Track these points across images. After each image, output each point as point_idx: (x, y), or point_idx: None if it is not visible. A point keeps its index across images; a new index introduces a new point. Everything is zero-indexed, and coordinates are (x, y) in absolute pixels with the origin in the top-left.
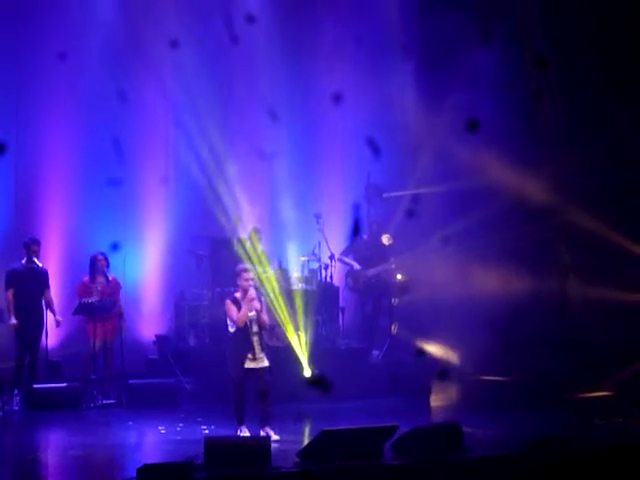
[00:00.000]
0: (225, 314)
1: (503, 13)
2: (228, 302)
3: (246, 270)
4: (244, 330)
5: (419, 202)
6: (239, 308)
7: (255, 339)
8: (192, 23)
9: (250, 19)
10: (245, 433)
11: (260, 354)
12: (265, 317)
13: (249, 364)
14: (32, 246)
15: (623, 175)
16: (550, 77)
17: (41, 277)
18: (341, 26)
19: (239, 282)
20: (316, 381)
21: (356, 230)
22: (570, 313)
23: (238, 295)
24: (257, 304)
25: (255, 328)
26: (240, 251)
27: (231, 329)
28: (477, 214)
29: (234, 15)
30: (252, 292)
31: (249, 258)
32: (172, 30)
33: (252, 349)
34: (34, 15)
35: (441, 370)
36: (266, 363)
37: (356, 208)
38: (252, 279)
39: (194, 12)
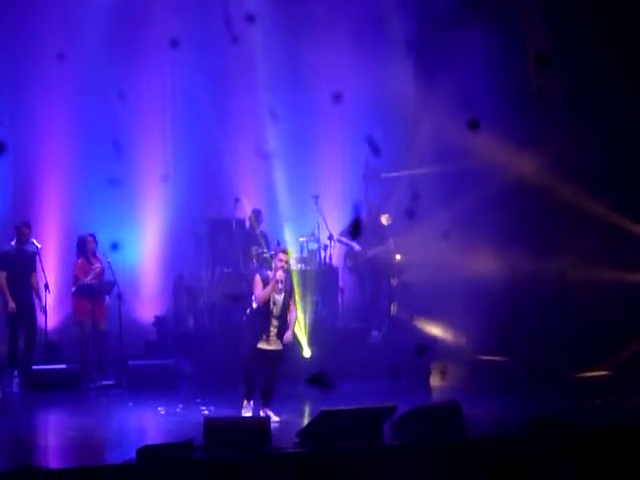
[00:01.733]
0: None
1: None
2: (257, 277)
3: (285, 252)
4: (265, 310)
5: (417, 184)
6: (266, 286)
7: (273, 322)
8: (191, 22)
9: (250, 18)
10: (247, 411)
11: (274, 338)
12: (293, 315)
13: (262, 345)
14: (22, 229)
15: (622, 153)
16: (547, 56)
17: (29, 258)
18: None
19: (274, 262)
20: (317, 380)
21: (356, 230)
22: (572, 293)
23: (270, 273)
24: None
25: (276, 312)
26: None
27: (254, 305)
28: (476, 194)
29: (233, 14)
30: (280, 274)
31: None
32: (172, 29)
33: (268, 331)
34: (32, 13)
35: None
36: (279, 347)
37: (356, 208)
38: (287, 262)
39: (193, 11)
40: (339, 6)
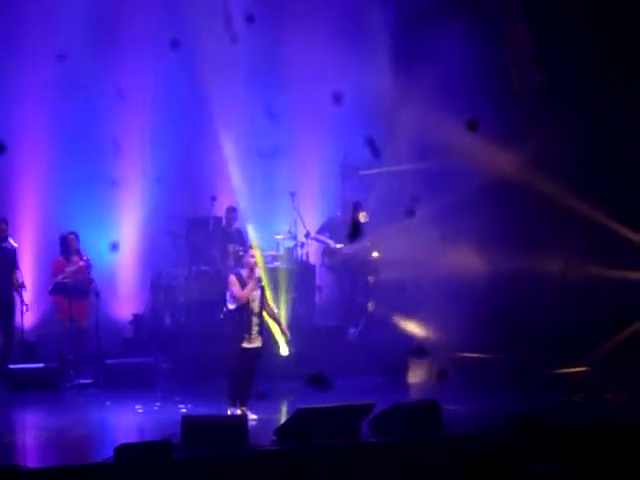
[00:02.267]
0: (226, 289)
1: None
2: (232, 277)
3: (254, 248)
4: (245, 308)
5: (396, 181)
6: (242, 285)
7: (254, 320)
8: (191, 22)
9: (249, 19)
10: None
11: (256, 334)
12: (271, 306)
13: (245, 344)
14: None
15: (604, 151)
16: (531, 54)
17: (9, 257)
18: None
19: (245, 259)
20: (316, 380)
21: (355, 231)
22: (552, 291)
23: (243, 272)
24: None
25: (256, 308)
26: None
27: (230, 306)
28: (456, 191)
29: (232, 14)
30: (258, 271)
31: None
32: (171, 29)
33: (250, 329)
34: (27, 11)
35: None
36: (259, 344)
37: (356, 208)
38: (257, 260)
39: (193, 11)
40: (319, 3)
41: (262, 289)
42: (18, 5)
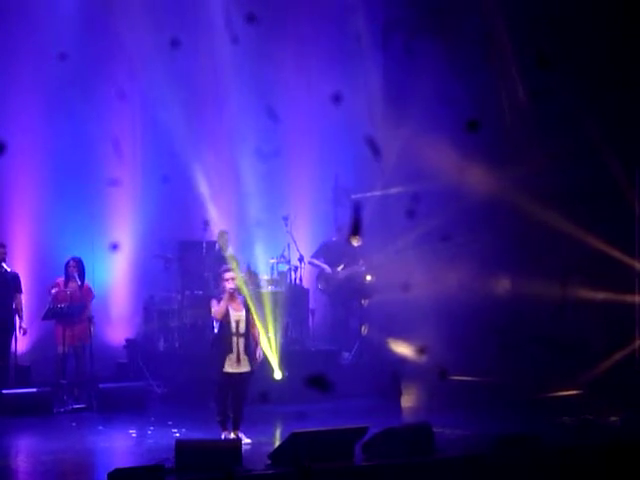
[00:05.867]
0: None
1: (468, 11)
2: (213, 301)
3: (227, 270)
4: (227, 331)
5: (387, 204)
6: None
7: (240, 341)
8: (191, 22)
9: (250, 19)
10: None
11: (243, 356)
12: (257, 330)
13: (228, 368)
14: None
15: (592, 175)
16: (519, 76)
17: (10, 282)
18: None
19: (221, 284)
20: (316, 381)
21: (356, 230)
22: (544, 312)
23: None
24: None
25: (241, 330)
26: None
27: (215, 329)
28: (446, 214)
29: (230, 14)
30: (230, 284)
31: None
32: (171, 29)
33: (232, 351)
34: (27, 12)
35: (441, 371)
36: (247, 368)
37: (356, 207)
38: (233, 278)
39: (193, 11)
40: (310, 27)
41: (247, 310)
42: (17, 5)
